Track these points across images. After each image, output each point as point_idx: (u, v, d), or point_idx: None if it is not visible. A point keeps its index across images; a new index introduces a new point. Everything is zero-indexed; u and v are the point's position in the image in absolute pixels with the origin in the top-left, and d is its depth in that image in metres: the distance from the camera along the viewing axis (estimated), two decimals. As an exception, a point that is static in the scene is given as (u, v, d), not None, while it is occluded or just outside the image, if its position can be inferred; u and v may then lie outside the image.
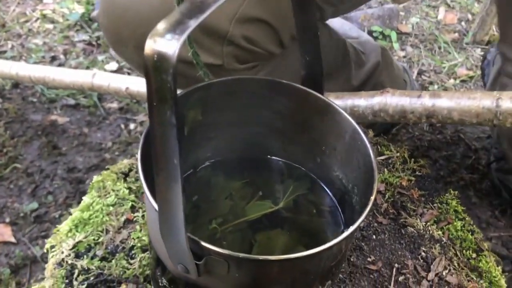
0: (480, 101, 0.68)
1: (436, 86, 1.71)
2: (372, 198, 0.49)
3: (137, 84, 1.08)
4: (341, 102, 0.78)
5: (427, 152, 1.57)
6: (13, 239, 1.26)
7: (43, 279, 1.17)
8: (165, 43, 0.34)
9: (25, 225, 1.30)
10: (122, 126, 1.60)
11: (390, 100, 0.75)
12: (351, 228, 0.47)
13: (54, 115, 1.61)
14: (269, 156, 0.68)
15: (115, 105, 1.67)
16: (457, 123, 0.71)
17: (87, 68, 1.74)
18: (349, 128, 0.57)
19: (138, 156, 0.49)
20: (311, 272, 0.51)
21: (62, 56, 1.81)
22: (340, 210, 0.63)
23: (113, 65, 1.77)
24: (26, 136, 1.54)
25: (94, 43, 1.86)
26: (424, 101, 0.72)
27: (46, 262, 0.73)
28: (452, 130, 1.52)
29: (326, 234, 0.63)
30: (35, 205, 1.34)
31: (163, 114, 0.36)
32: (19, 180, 1.41)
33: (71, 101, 1.66)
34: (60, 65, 1.77)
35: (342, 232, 0.61)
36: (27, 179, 1.42)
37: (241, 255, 0.44)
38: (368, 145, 0.54)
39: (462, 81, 1.71)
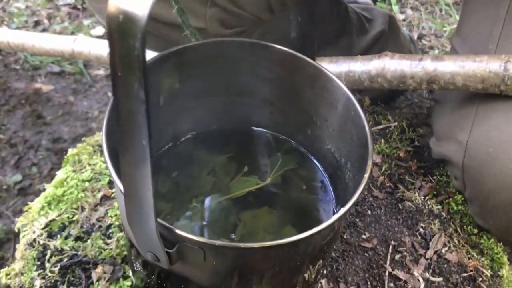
0: (487, 65, 0.62)
1: (436, 51, 1.63)
2: (366, 176, 0.44)
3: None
4: (335, 66, 0.72)
5: (426, 120, 1.52)
6: (-4, 213, 1.22)
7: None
8: (132, 1, 0.28)
9: (8, 198, 1.25)
10: (109, 94, 1.54)
11: (389, 64, 0.68)
12: (342, 211, 0.42)
13: (38, 83, 1.54)
14: (255, 128, 0.63)
15: (101, 72, 1.60)
16: (461, 89, 0.65)
17: (72, 33, 1.65)
18: (343, 97, 0.51)
19: (103, 132, 0.44)
20: (299, 256, 0.46)
21: (45, 21, 1.72)
22: (331, 186, 0.58)
23: (100, 30, 1.69)
24: (9, 105, 1.47)
25: (79, 7, 1.77)
26: (426, 65, 0.66)
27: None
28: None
29: (316, 211, 0.58)
30: (18, 177, 1.29)
31: (129, 87, 0.30)
32: (2, 151, 1.35)
33: (56, 68, 1.58)
34: (44, 30, 1.68)
35: (334, 210, 0.56)
36: (10, 150, 1.36)
37: (217, 242, 0.39)
38: (363, 116, 0.48)
39: (464, 45, 1.64)
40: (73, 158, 0.72)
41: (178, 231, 0.38)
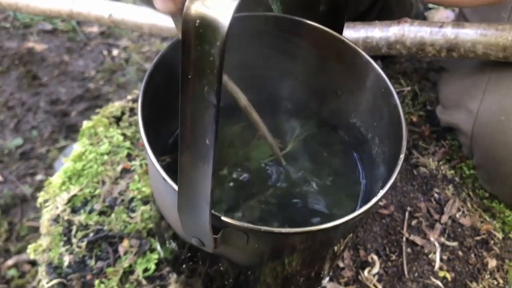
0: (510, 33, 0.62)
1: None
2: (402, 156, 0.44)
3: (122, 11, 0.98)
4: (352, 32, 0.71)
5: (426, 75, 1.52)
6: (0, 178, 1.21)
7: (35, 218, 1.14)
8: (215, 4, 0.26)
9: (11, 163, 1.24)
10: (105, 52, 1.50)
11: (408, 31, 0.67)
12: (381, 193, 0.42)
13: (31, 42, 1.50)
14: (275, 100, 0.62)
15: (95, 29, 1.56)
16: (481, 57, 0.65)
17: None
18: (372, 73, 0.51)
19: (139, 114, 0.43)
20: (334, 234, 0.48)
21: (33, -25, 1.65)
22: (358, 159, 0.59)
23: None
24: (3, 66, 1.43)
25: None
26: (446, 32, 0.65)
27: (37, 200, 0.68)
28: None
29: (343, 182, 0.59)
30: (19, 141, 1.28)
31: (198, 90, 0.29)
32: (0, 115, 1.33)
33: (48, 26, 1.54)
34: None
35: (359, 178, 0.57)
36: (8, 113, 1.34)
37: (263, 228, 0.39)
38: (395, 94, 0.48)
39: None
40: (89, 130, 0.71)
41: (225, 219, 0.39)
